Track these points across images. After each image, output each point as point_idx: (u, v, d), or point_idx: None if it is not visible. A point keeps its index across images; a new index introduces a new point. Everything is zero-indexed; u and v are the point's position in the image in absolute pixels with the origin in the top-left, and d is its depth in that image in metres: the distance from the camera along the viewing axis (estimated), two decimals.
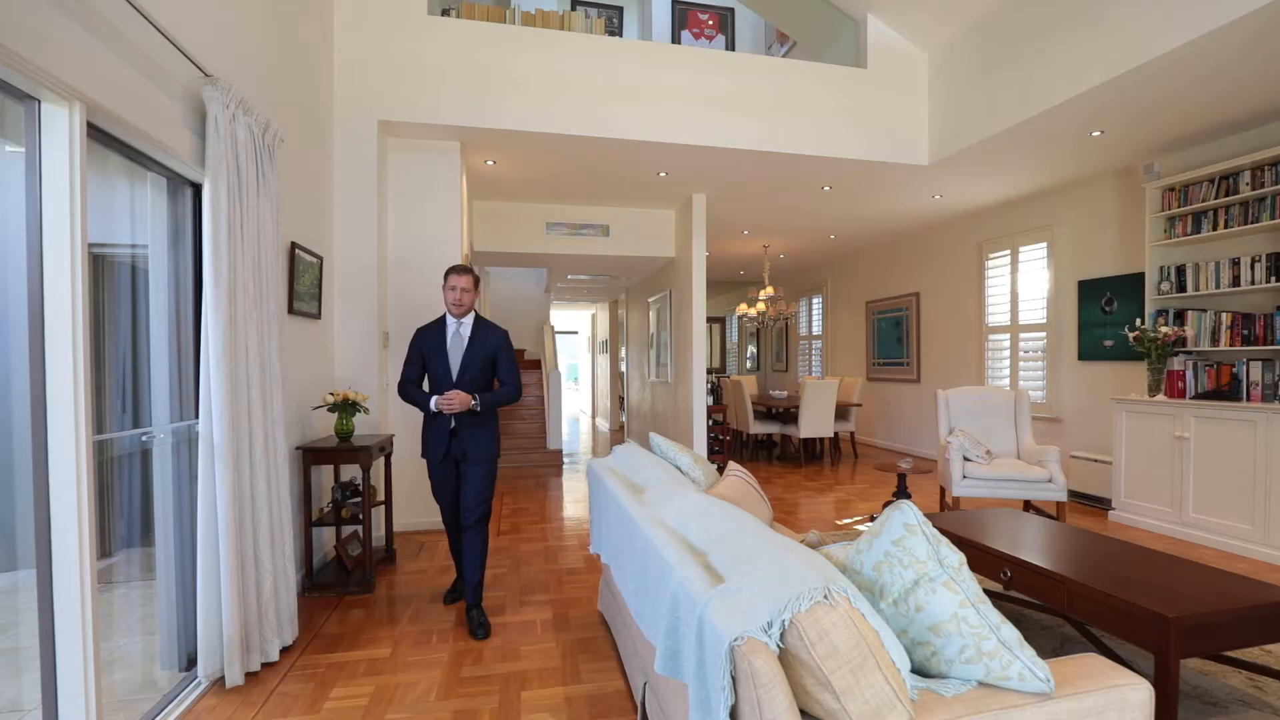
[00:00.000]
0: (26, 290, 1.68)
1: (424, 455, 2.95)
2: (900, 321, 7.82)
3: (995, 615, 1.18)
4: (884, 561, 1.26)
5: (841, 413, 7.54)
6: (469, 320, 2.93)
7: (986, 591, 2.87)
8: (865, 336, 8.60)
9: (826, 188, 5.56)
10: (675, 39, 7.11)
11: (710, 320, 12.77)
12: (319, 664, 2.50)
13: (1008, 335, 6.11)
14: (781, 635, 1.04)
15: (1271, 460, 3.60)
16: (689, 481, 2.32)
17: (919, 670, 1.23)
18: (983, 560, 2.55)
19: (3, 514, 3.35)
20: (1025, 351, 5.93)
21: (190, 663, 2.45)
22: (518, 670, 2.43)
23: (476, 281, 2.93)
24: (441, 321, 2.94)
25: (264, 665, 2.47)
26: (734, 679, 1.04)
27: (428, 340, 2.91)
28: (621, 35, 7.46)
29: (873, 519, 4.59)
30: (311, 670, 2.45)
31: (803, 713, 1.08)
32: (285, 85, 3.19)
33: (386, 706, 2.17)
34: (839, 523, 4.55)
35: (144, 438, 2.33)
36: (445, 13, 4.32)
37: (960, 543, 2.67)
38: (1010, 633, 1.17)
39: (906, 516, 1.26)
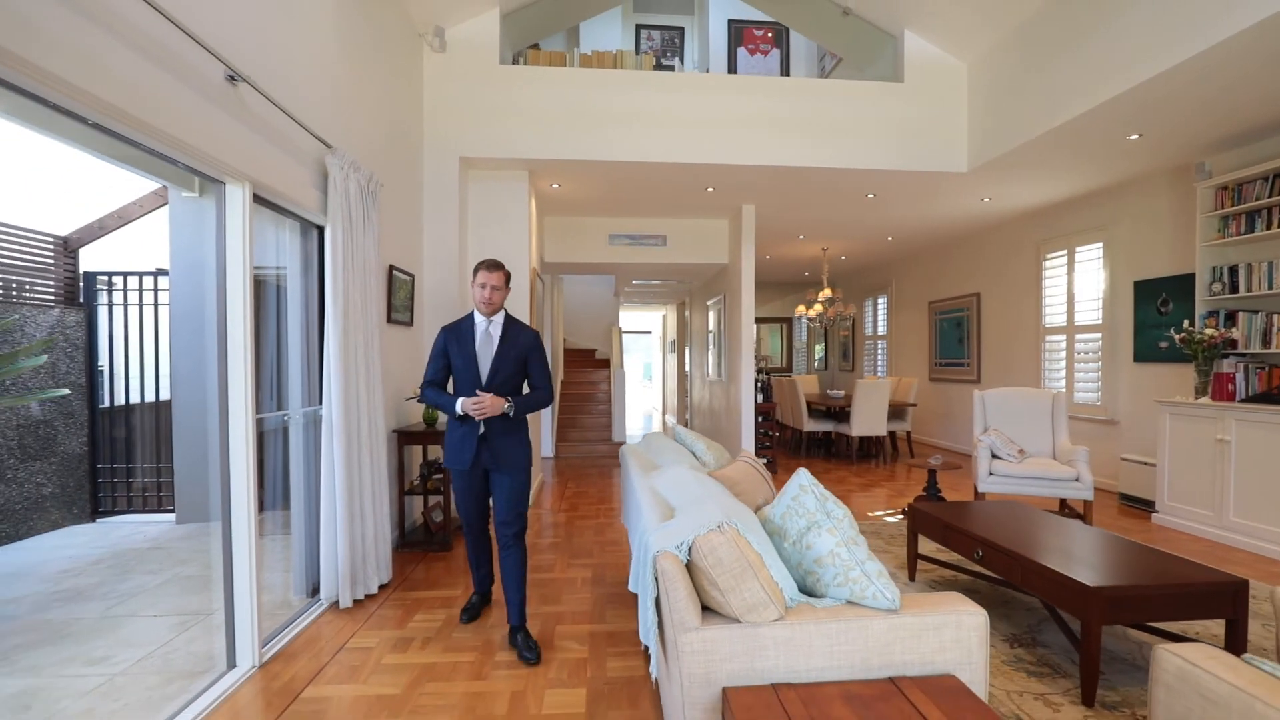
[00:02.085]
0: (215, 310, 2.43)
1: (447, 463, 2.71)
2: (961, 322, 7.81)
3: (863, 553, 1.60)
4: (787, 512, 1.71)
5: (897, 412, 7.65)
6: (499, 319, 2.72)
7: (981, 575, 3.17)
8: (927, 337, 8.60)
9: (870, 195, 5.79)
10: (731, 55, 7.52)
11: (779, 321, 12.98)
12: (406, 598, 3.20)
13: (1064, 336, 6.06)
14: (689, 551, 1.53)
15: None
16: (692, 462, 2.80)
17: (809, 592, 1.67)
18: (963, 542, 2.86)
19: (201, 479, 4.38)
20: (1081, 353, 5.88)
21: (314, 590, 3.21)
22: (556, 611, 3.01)
23: (508, 278, 2.72)
24: (469, 320, 2.72)
25: (366, 596, 3.20)
26: (656, 579, 1.54)
27: (454, 340, 2.70)
28: (682, 54, 7.95)
29: (903, 513, 4.84)
30: (401, 601, 3.15)
31: (707, 609, 1.56)
32: (385, 138, 3.95)
33: (453, 629, 2.82)
34: (870, 514, 4.83)
35: (284, 418, 3.10)
36: (515, 60, 4.99)
37: (946, 527, 2.99)
38: (873, 566, 1.59)
39: (801, 480, 1.70)
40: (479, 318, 2.71)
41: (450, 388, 2.78)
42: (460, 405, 2.57)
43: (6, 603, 3.25)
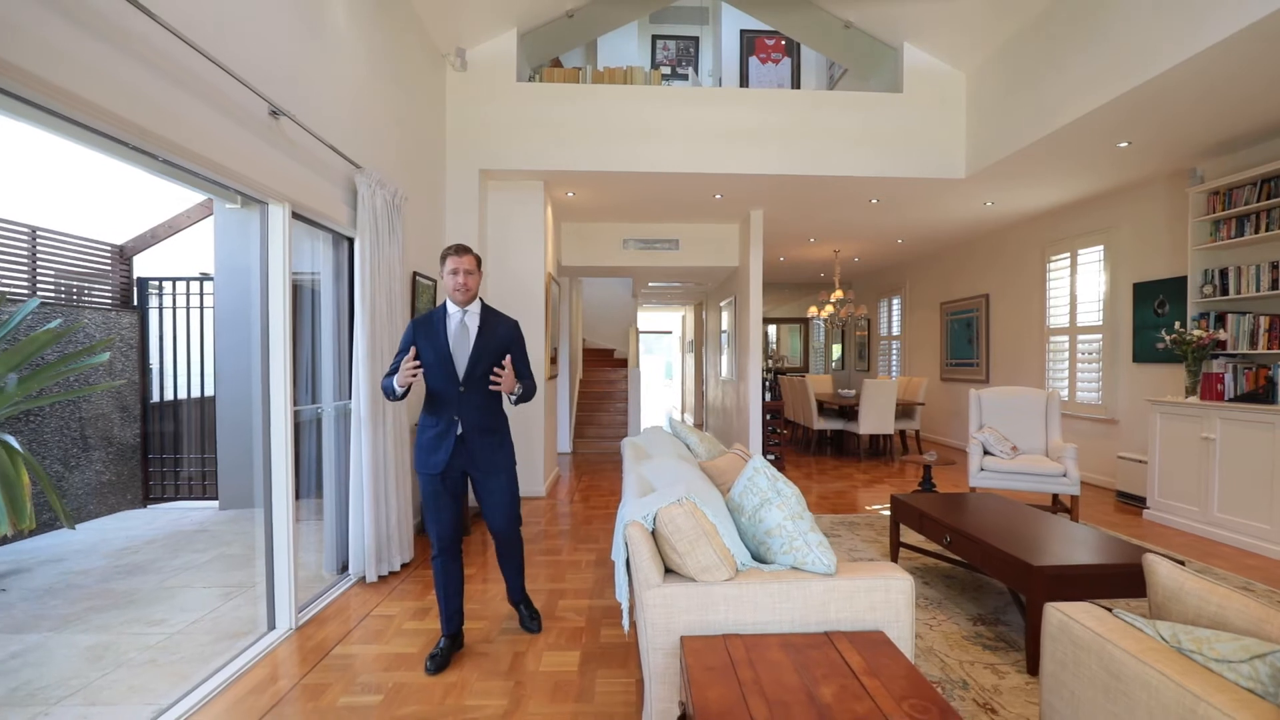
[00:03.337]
0: (258, 313, 2.77)
1: (418, 467, 2.50)
2: (971, 323, 7.91)
3: (806, 525, 1.85)
4: (743, 491, 1.96)
5: (907, 411, 7.79)
6: (475, 309, 2.52)
7: (959, 563, 3.38)
8: (939, 337, 8.71)
9: (874, 200, 5.97)
10: (744, 63, 7.74)
11: (797, 321, 13.13)
12: (426, 575, 3.52)
13: (1067, 337, 6.16)
14: (654, 521, 1.80)
15: None
16: (683, 453, 3.06)
17: (762, 559, 1.93)
18: (935, 530, 3.07)
19: (241, 469, 4.77)
20: (1083, 353, 5.98)
21: (343, 567, 3.55)
22: (560, 588, 3.31)
23: (479, 261, 2.53)
24: (441, 311, 2.50)
25: (390, 573, 3.54)
26: (626, 544, 1.81)
27: (424, 333, 2.46)
28: (696, 63, 8.19)
29: None
30: (420, 577, 3.48)
31: (670, 571, 1.83)
32: (410, 154, 4.29)
33: (467, 602, 3.12)
34: (868, 508, 5.03)
35: (318, 411, 3.45)
36: (531, 78, 5.31)
37: (921, 516, 3.20)
38: (814, 537, 1.84)
39: (756, 463, 1.95)
40: (452, 308, 2.51)
41: (422, 384, 2.54)
42: (397, 380, 2.35)
43: (77, 574, 3.67)
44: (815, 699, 1.40)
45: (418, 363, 2.35)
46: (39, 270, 4.59)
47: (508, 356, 2.46)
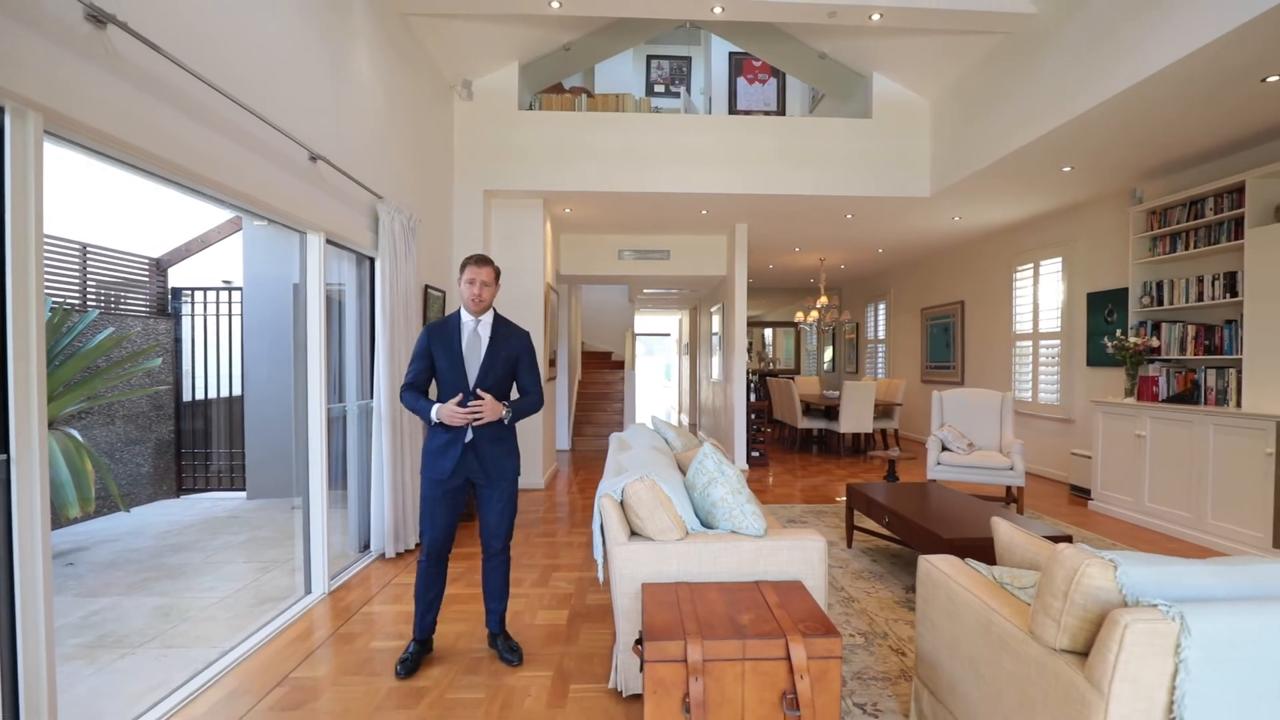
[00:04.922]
0: (297, 325, 3.27)
1: (424, 472, 2.53)
2: (948, 327, 8.36)
3: (744, 498, 2.33)
4: (695, 472, 2.44)
5: (886, 411, 8.25)
6: (488, 318, 2.56)
7: (908, 544, 3.84)
8: (920, 341, 9.16)
9: (849, 216, 6.44)
10: (732, 83, 8.23)
11: (791, 325, 13.59)
12: None
13: (1030, 342, 6.61)
14: (622, 494, 2.28)
15: (1202, 456, 4.14)
16: (660, 445, 3.54)
17: (709, 525, 2.40)
18: (878, 512, 3.54)
19: (268, 463, 5.25)
20: (1044, 357, 6.43)
21: (365, 545, 4.05)
22: (554, 563, 3.79)
23: (498, 274, 2.56)
24: (455, 319, 2.55)
25: (405, 550, 4.03)
26: (601, 513, 2.30)
27: (439, 340, 2.51)
28: (689, 82, 8.68)
29: None
30: None
31: (635, 534, 2.31)
32: (422, 178, 4.78)
33: (471, 574, 3.61)
34: (838, 499, 5.50)
35: (343, 409, 3.95)
36: (531, 105, 5.80)
37: (869, 502, 3.67)
38: (750, 508, 2.31)
39: (705, 449, 2.43)
40: (466, 316, 2.54)
41: (434, 392, 2.60)
42: (437, 413, 2.40)
43: (131, 551, 4.18)
44: (734, 620, 1.88)
45: (476, 405, 2.39)
46: (87, 282, 5.11)
47: (488, 398, 2.43)
